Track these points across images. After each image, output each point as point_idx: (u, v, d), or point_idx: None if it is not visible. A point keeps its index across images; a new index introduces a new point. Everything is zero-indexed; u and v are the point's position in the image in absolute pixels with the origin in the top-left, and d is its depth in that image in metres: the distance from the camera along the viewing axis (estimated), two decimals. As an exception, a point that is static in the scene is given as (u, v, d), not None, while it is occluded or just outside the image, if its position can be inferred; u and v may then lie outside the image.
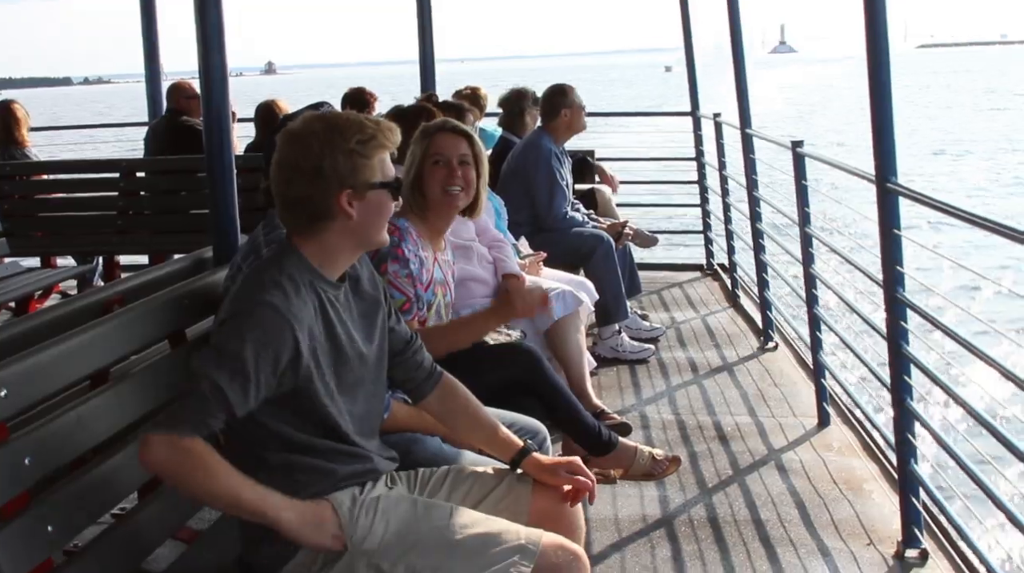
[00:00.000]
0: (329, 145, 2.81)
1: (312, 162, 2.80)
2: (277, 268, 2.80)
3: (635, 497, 5.11)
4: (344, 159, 2.81)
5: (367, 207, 2.86)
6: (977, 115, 59.30)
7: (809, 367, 6.73)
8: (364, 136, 2.84)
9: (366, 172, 2.84)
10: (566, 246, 7.16)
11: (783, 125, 49.76)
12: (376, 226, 2.92)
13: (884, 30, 4.37)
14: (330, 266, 2.90)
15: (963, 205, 4.11)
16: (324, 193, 2.81)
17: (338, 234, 2.87)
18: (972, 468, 4.12)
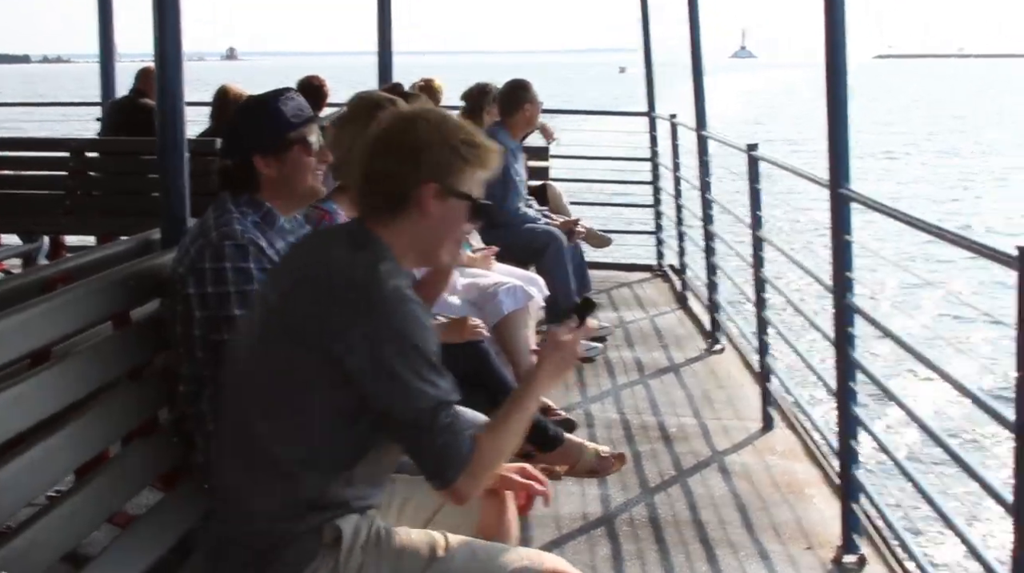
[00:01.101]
0: (437, 132, 2.69)
1: (414, 143, 2.68)
2: (373, 256, 2.63)
3: (576, 495, 5.10)
4: (446, 152, 2.69)
5: (445, 213, 2.71)
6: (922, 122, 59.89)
7: (755, 370, 6.75)
8: (472, 141, 2.73)
9: (460, 176, 2.70)
10: (518, 242, 7.14)
11: (741, 128, 50.07)
12: (444, 238, 2.77)
13: (842, 41, 4.39)
14: (400, 261, 2.73)
15: (915, 212, 4.12)
16: (413, 176, 2.67)
17: (409, 231, 2.71)
18: (914, 475, 4.14)
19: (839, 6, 4.36)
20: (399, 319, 2.55)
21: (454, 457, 2.62)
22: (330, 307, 2.57)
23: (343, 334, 2.54)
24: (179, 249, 3.55)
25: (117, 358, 3.26)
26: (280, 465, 2.65)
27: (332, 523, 2.69)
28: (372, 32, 8.92)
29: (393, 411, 2.59)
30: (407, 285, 2.66)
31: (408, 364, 2.54)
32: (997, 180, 35.49)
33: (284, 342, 2.63)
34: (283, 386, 2.63)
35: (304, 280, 2.66)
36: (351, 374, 2.55)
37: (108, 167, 8.52)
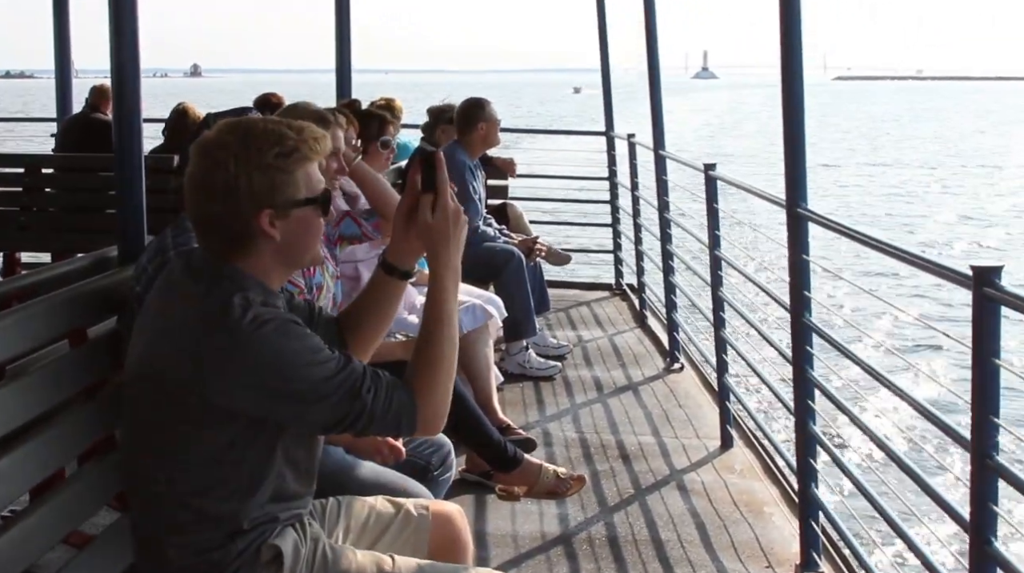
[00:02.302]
0: (244, 161, 2.52)
1: (225, 180, 2.52)
2: (225, 292, 2.52)
3: (535, 514, 5.09)
4: (262, 176, 2.53)
5: (291, 227, 2.59)
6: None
7: (714, 389, 6.76)
8: (285, 149, 2.55)
9: (288, 189, 2.56)
10: (477, 260, 7.10)
11: (701, 146, 50.37)
12: (305, 245, 2.64)
13: (799, 62, 4.42)
14: (266, 283, 2.64)
15: (872, 232, 4.15)
16: (241, 214, 2.54)
17: (263, 256, 2.60)
18: (871, 492, 4.16)
19: (796, 30, 4.39)
20: (267, 346, 2.46)
21: (400, 416, 2.59)
22: (196, 357, 2.47)
23: (217, 379, 2.47)
24: (136, 267, 3.52)
25: (73, 376, 3.23)
26: (182, 500, 2.59)
27: (268, 543, 2.65)
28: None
29: (319, 421, 2.57)
30: (270, 301, 2.58)
31: (301, 379, 2.49)
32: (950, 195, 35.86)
33: (159, 391, 2.55)
34: (167, 428, 2.56)
35: (165, 331, 2.57)
36: (245, 411, 2.50)
37: (64, 183, 8.46)
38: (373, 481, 3.56)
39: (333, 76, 8.55)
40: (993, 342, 2.99)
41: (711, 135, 66.35)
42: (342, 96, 8.25)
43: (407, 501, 3.16)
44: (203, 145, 2.60)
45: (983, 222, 30.86)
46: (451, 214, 2.69)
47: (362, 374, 2.55)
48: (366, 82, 17.44)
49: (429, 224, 2.69)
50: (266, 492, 2.62)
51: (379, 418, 2.57)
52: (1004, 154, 55.75)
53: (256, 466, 2.59)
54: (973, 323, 3.01)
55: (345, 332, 2.93)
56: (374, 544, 3.01)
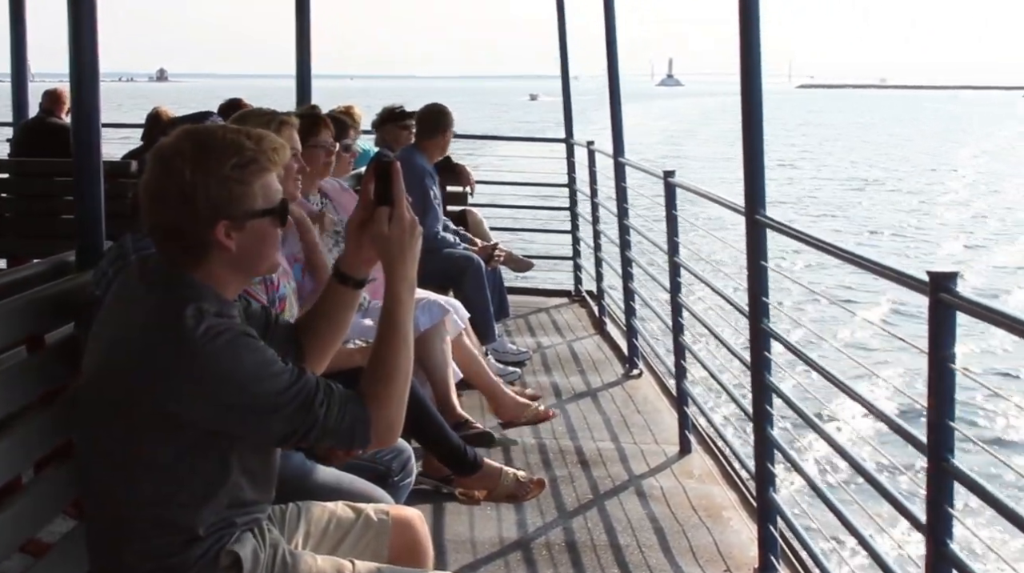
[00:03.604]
0: (201, 171, 2.50)
1: (181, 190, 2.50)
2: (179, 302, 2.49)
3: (493, 519, 5.09)
4: (218, 187, 2.51)
5: (248, 238, 2.57)
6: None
7: (673, 395, 6.79)
8: (242, 159, 2.54)
9: (245, 200, 2.54)
10: (436, 267, 7.11)
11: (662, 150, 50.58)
12: (261, 256, 2.63)
13: (758, 73, 4.44)
14: (221, 293, 2.62)
15: (829, 238, 4.18)
16: (196, 225, 2.52)
17: (218, 267, 2.58)
18: (829, 496, 4.18)
19: (755, 40, 4.41)
20: (219, 359, 2.45)
21: (353, 429, 2.59)
22: (148, 368, 2.45)
23: (169, 390, 2.45)
24: (96, 272, 3.51)
25: (30, 382, 3.21)
26: (137, 508, 2.57)
27: (227, 548, 2.63)
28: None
29: (272, 434, 2.56)
30: (225, 311, 2.57)
31: (254, 392, 2.47)
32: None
33: (112, 400, 2.52)
34: (121, 437, 2.54)
35: (119, 341, 2.55)
36: (198, 422, 2.48)
37: (21, 188, 8.39)
38: (333, 486, 3.55)
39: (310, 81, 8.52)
40: (948, 347, 3.02)
41: (674, 141, 66.69)
42: (302, 102, 8.23)
43: (367, 506, 3.16)
44: (159, 153, 2.58)
45: (941, 228, 31.14)
46: (407, 225, 2.69)
47: (315, 387, 2.55)
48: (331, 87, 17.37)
49: (384, 235, 2.68)
50: (222, 500, 2.61)
51: (332, 431, 2.57)
52: (960, 161, 56.28)
53: (211, 475, 2.58)
54: (929, 328, 3.04)
55: (301, 340, 2.92)
56: (334, 549, 3.00)
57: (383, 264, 2.72)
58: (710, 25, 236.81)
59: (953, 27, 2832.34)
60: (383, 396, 2.65)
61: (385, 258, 2.70)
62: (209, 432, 2.51)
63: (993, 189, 43.24)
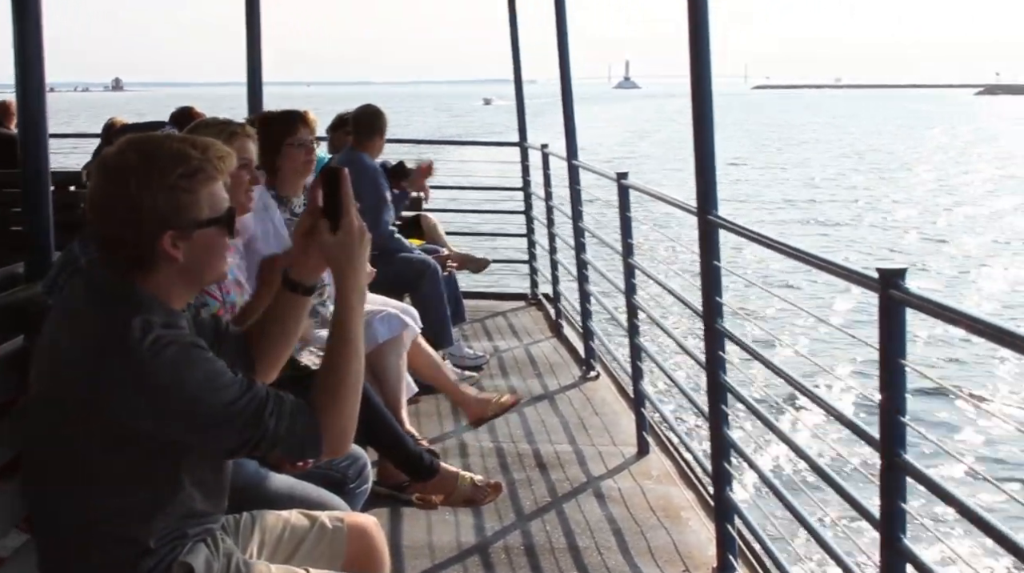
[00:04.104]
0: (146, 181, 2.47)
1: (127, 201, 2.47)
2: (125, 313, 2.45)
3: (451, 524, 5.08)
4: (164, 197, 2.48)
5: (195, 248, 2.55)
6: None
7: (630, 396, 6.80)
8: (188, 169, 2.51)
9: (192, 210, 2.52)
10: (392, 272, 7.09)
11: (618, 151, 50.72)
12: (209, 266, 2.61)
13: (708, 74, 4.46)
14: (168, 303, 2.58)
15: (781, 237, 4.19)
16: (142, 236, 2.49)
17: (165, 277, 2.55)
18: (786, 495, 4.20)
19: (704, 41, 4.43)
20: (167, 371, 2.42)
21: (304, 439, 2.57)
22: (96, 380, 2.42)
23: (117, 403, 2.42)
24: (46, 281, 3.48)
25: (-22, 394, 3.17)
26: (86, 521, 2.54)
27: (179, 560, 2.61)
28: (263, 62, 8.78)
29: (221, 446, 2.54)
30: (172, 322, 2.53)
31: (202, 404, 2.44)
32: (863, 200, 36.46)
33: (60, 413, 2.49)
34: (69, 450, 2.50)
35: (65, 354, 2.51)
36: (147, 434, 2.45)
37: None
38: (288, 494, 3.53)
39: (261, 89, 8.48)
40: (899, 343, 3.03)
41: (631, 143, 66.96)
42: (254, 109, 8.19)
43: (322, 514, 3.14)
44: (104, 163, 2.55)
45: (893, 226, 31.38)
46: (355, 233, 2.67)
47: (264, 398, 2.52)
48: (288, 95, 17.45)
49: (333, 243, 2.66)
50: (174, 511, 2.59)
51: (282, 442, 2.54)
52: (914, 159, 56.80)
53: (161, 486, 2.56)
54: (880, 325, 3.06)
55: (252, 348, 2.90)
56: (289, 558, 2.98)
57: (332, 272, 2.70)
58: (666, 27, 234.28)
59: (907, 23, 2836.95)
60: (334, 406, 2.62)
61: (334, 266, 2.68)
62: (159, 443, 2.48)
63: (946, 186, 43.68)
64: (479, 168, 12.92)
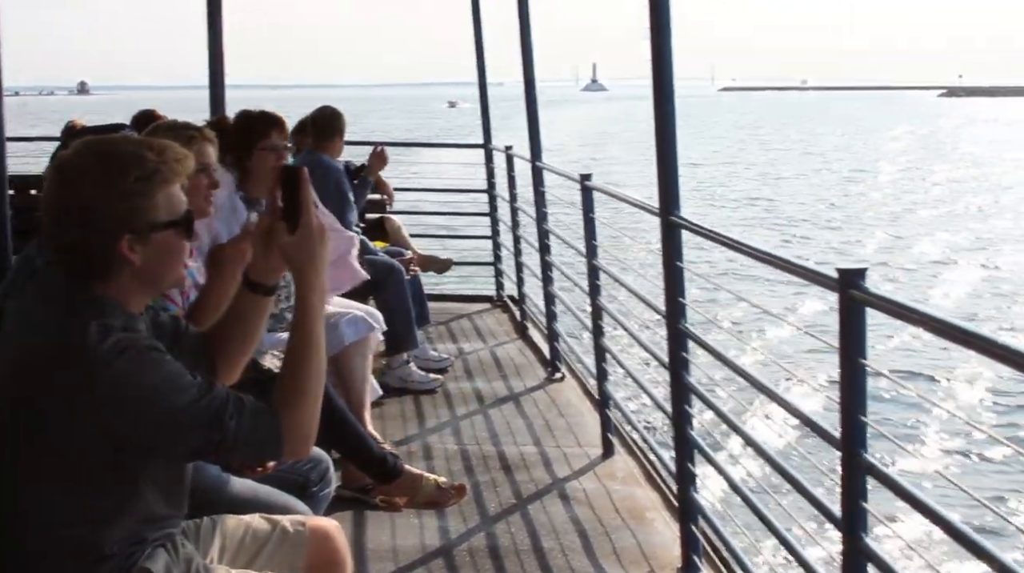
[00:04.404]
0: (103, 185, 2.44)
1: (83, 205, 2.44)
2: (83, 319, 2.42)
3: (415, 527, 5.07)
4: (121, 200, 2.45)
5: (153, 251, 2.52)
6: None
7: (595, 398, 6.80)
8: (144, 171, 2.48)
9: (149, 213, 2.49)
10: (356, 274, 7.07)
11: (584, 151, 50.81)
12: (166, 269, 2.58)
13: (670, 76, 4.47)
14: (127, 306, 2.55)
15: (742, 238, 4.20)
16: (100, 240, 2.46)
17: (123, 281, 2.52)
18: (749, 495, 4.21)
19: (666, 43, 4.43)
20: (125, 375, 2.40)
21: (264, 441, 2.56)
22: (54, 385, 2.40)
23: (75, 408, 2.40)
24: (2, 286, 3.45)
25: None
26: (44, 528, 2.51)
27: (138, 565, 2.58)
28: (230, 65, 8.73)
29: (181, 449, 2.52)
30: (130, 326, 2.51)
31: (162, 407, 2.42)
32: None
33: (16, 419, 2.47)
34: (26, 456, 2.48)
35: (21, 359, 2.48)
36: (106, 439, 2.43)
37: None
38: (249, 498, 3.51)
39: (229, 91, 8.43)
40: (859, 343, 3.04)
41: (598, 145, 67.17)
42: (216, 111, 8.16)
43: (283, 518, 3.12)
44: (59, 167, 2.53)
45: (856, 225, 31.56)
46: (314, 232, 2.65)
47: (224, 399, 2.50)
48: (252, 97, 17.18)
49: (291, 243, 2.65)
50: (133, 516, 2.56)
51: (243, 444, 2.52)
52: (878, 160, 57.18)
53: (120, 491, 2.53)
54: (840, 325, 3.07)
55: (212, 351, 2.87)
56: (250, 562, 2.97)
57: (292, 273, 2.69)
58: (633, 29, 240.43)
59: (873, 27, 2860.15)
60: (295, 407, 2.60)
61: (294, 266, 2.67)
62: (118, 447, 2.46)
63: (909, 186, 43.97)
64: (444, 170, 12.91)
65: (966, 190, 42.45)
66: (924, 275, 23.58)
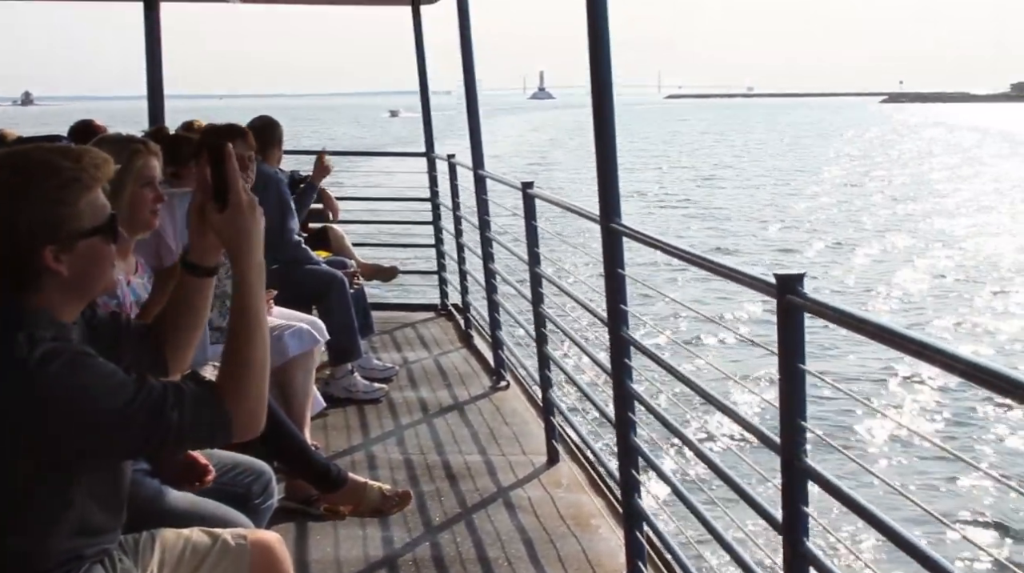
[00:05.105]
0: (21, 196, 2.42)
1: (3, 218, 2.42)
2: (10, 333, 2.38)
3: (358, 538, 5.04)
4: (42, 211, 2.43)
5: (79, 259, 2.49)
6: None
7: (539, 405, 6.80)
8: (62, 180, 2.45)
9: (71, 221, 2.47)
10: (299, 284, 7.02)
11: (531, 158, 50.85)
12: (95, 276, 2.56)
13: (608, 82, 4.47)
14: (57, 317, 2.52)
15: (682, 245, 4.22)
16: (22, 253, 2.43)
17: (51, 291, 2.48)
18: (692, 501, 4.22)
19: (605, 51, 4.44)
20: (57, 383, 2.36)
21: (213, 425, 2.53)
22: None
23: (11, 421, 2.36)
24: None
25: None
26: None
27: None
28: (182, 74, 8.70)
29: (126, 448, 2.49)
30: (61, 334, 2.48)
31: (99, 410, 2.39)
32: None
33: None
34: None
35: None
36: (45, 447, 2.39)
37: None
38: (189, 511, 3.48)
39: (169, 101, 8.38)
40: (798, 348, 3.05)
41: (545, 151, 67.37)
42: (154, 122, 8.11)
43: (224, 531, 3.09)
44: None
45: (799, 231, 31.82)
46: (245, 206, 2.63)
47: (162, 392, 2.46)
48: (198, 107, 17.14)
49: (223, 220, 2.63)
50: (68, 527, 2.53)
51: (190, 432, 2.49)
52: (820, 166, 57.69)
53: (55, 499, 2.49)
54: (778, 330, 3.08)
55: (159, 341, 2.86)
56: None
57: (227, 251, 2.67)
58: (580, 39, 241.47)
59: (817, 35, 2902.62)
60: (241, 388, 2.58)
61: (229, 243, 2.65)
62: (53, 457, 2.42)
63: (851, 191, 44.39)
64: (387, 179, 12.87)
65: (906, 195, 42.95)
66: (867, 279, 23.81)
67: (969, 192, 45.15)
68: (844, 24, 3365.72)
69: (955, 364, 2.35)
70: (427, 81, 10.38)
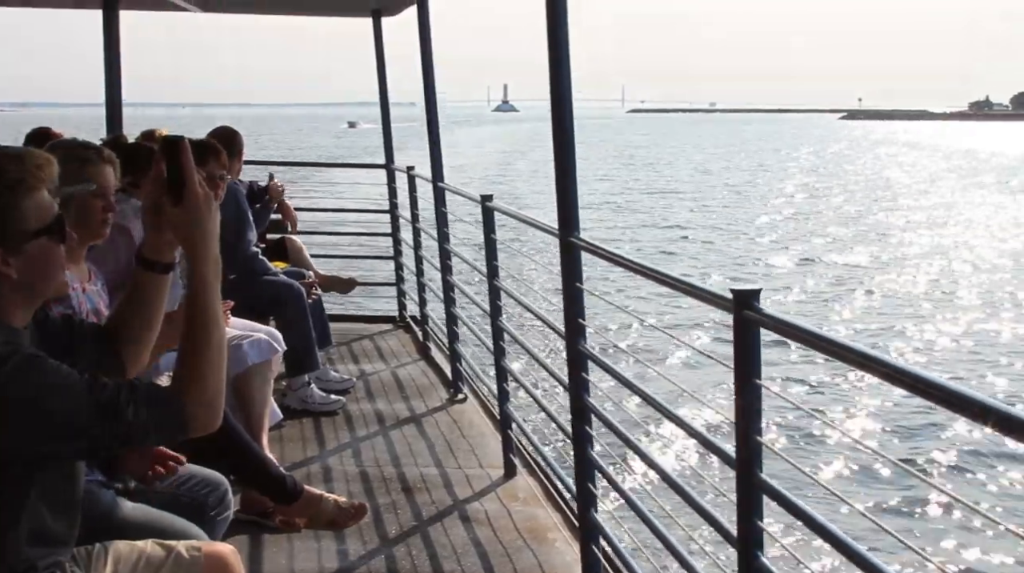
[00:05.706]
0: None
1: None
2: None
3: (313, 551, 5.01)
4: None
5: (28, 262, 2.48)
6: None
7: (497, 418, 6.80)
8: (6, 181, 2.44)
9: (17, 223, 2.45)
10: (256, 294, 6.98)
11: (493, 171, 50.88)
12: (45, 277, 2.54)
13: (568, 97, 4.48)
14: (8, 321, 2.50)
15: (640, 259, 4.23)
16: None
17: (4, 292, 2.48)
18: (648, 515, 4.22)
19: (564, 64, 4.46)
20: (10, 386, 2.35)
21: (172, 421, 2.51)
22: None
23: None
24: None
25: None
26: None
27: None
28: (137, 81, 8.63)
29: (84, 449, 2.47)
30: (12, 339, 2.46)
31: (53, 413, 2.37)
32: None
33: None
34: None
35: None
36: (3, 454, 2.38)
37: None
38: (143, 523, 3.44)
39: (134, 109, 8.31)
40: (754, 363, 3.07)
41: (507, 163, 67.51)
42: (112, 130, 8.05)
43: (178, 543, 3.07)
44: None
45: (758, 246, 31.98)
46: (201, 201, 2.61)
47: (116, 391, 2.44)
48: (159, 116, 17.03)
49: (178, 215, 2.60)
50: (21, 534, 2.50)
51: (149, 429, 2.47)
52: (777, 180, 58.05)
53: (9, 506, 2.47)
54: (735, 345, 3.09)
55: (116, 340, 2.84)
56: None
57: (183, 246, 2.65)
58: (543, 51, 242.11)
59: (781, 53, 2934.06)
60: (198, 382, 2.56)
61: (184, 238, 2.63)
62: (5, 461, 2.41)
63: (809, 207, 44.70)
64: (346, 190, 12.85)
65: (865, 211, 43.27)
66: (825, 294, 23.96)
67: (927, 207, 45.62)
68: (805, 41, 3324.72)
69: (905, 379, 2.37)
70: (387, 92, 10.37)
